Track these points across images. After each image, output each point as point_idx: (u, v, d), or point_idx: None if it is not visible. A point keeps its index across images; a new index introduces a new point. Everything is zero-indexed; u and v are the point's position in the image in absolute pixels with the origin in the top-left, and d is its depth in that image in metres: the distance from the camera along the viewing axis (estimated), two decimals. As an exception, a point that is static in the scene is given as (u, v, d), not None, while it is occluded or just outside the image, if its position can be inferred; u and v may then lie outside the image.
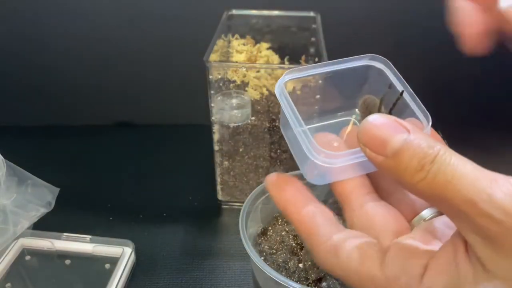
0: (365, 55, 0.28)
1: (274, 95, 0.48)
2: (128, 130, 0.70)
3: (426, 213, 0.25)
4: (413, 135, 0.20)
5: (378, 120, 0.21)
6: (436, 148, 0.20)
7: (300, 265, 0.36)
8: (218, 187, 0.54)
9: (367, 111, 0.28)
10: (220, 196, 0.54)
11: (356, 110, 0.30)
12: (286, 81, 0.27)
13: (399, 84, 0.27)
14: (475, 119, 0.69)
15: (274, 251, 0.38)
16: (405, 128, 0.21)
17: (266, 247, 0.38)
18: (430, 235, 0.24)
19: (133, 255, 0.45)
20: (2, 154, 0.43)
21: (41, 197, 0.45)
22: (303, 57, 0.53)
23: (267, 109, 0.48)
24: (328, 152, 0.24)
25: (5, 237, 0.42)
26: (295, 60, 0.53)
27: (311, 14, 0.55)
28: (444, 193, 0.19)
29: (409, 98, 0.26)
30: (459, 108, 0.69)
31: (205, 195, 0.55)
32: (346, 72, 0.28)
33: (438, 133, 0.45)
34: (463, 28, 0.31)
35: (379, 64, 0.28)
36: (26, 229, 0.44)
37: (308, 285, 0.35)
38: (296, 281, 0.34)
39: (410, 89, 0.26)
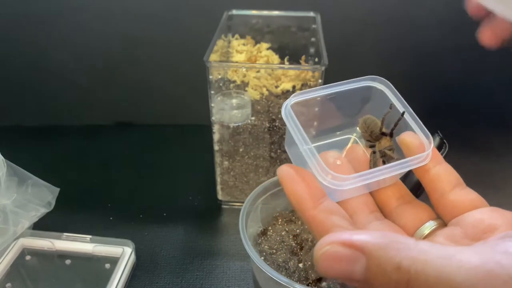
0: (366, 76, 0.29)
1: (274, 95, 0.48)
2: (128, 130, 0.70)
3: (429, 225, 0.25)
4: (371, 259, 0.19)
5: (328, 256, 0.20)
6: (403, 265, 0.18)
7: (300, 265, 0.36)
8: (218, 187, 0.54)
9: (368, 130, 0.28)
10: (220, 196, 0.54)
11: (357, 128, 0.30)
12: (293, 103, 0.27)
13: (399, 105, 0.28)
14: (475, 119, 0.69)
15: (274, 251, 0.38)
16: (359, 250, 0.19)
17: (266, 247, 0.38)
18: None
19: (133, 255, 0.45)
20: (2, 154, 0.43)
21: (41, 197, 0.45)
22: (303, 57, 0.53)
23: (267, 109, 0.48)
24: (335, 174, 0.24)
25: (5, 237, 0.42)
26: (295, 60, 0.53)
27: (311, 14, 0.55)
28: None
29: (410, 119, 0.27)
30: (459, 108, 0.69)
31: (205, 195, 0.55)
32: (348, 93, 0.28)
33: (438, 134, 0.45)
34: None
35: (379, 85, 0.29)
36: (26, 229, 0.44)
37: (308, 285, 0.35)
38: (296, 281, 0.34)
39: (411, 109, 0.27)
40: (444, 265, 0.18)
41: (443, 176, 0.26)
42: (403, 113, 0.27)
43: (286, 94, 0.48)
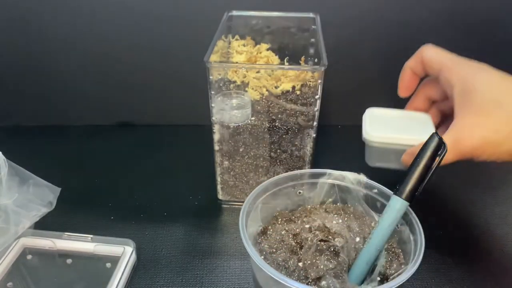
0: None
1: (274, 96, 0.48)
2: (128, 130, 0.70)
3: None
4: None
5: None
6: None
7: (300, 264, 0.36)
8: (218, 187, 0.54)
9: None
10: (220, 196, 0.55)
11: None
12: None
13: None
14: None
15: (274, 250, 0.38)
16: None
17: (266, 246, 0.38)
18: None
19: (134, 254, 0.45)
20: (3, 154, 0.43)
21: (42, 196, 0.45)
22: (302, 58, 0.54)
23: (267, 109, 0.48)
24: None
25: (6, 237, 0.42)
26: (294, 60, 0.54)
27: (311, 15, 0.55)
28: None
29: None
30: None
31: (206, 194, 0.56)
32: None
33: (436, 134, 0.46)
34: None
35: None
36: (27, 228, 0.44)
37: (307, 284, 0.35)
38: (296, 280, 0.35)
39: None
40: None
41: None
42: None
43: (286, 94, 0.48)
